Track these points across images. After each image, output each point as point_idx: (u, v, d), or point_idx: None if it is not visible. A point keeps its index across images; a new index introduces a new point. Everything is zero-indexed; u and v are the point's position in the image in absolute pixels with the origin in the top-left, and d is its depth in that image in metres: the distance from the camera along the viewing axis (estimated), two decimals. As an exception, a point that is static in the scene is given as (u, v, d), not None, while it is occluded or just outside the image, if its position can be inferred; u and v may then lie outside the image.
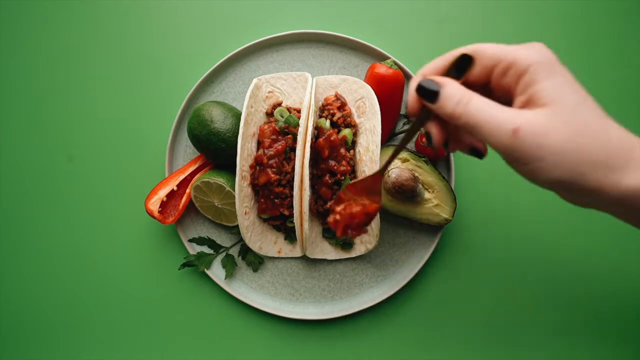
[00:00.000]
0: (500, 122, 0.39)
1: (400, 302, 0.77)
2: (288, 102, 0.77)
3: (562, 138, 0.38)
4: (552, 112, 0.38)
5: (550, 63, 0.40)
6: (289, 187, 0.72)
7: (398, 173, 0.70)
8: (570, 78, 0.40)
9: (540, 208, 0.77)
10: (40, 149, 0.81)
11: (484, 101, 0.41)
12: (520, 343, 0.75)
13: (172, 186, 0.75)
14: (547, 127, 0.38)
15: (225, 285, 0.76)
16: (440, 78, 0.44)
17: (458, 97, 0.42)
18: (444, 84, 0.43)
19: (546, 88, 0.39)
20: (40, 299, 0.79)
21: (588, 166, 0.38)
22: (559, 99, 0.39)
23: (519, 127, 0.38)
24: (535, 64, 0.40)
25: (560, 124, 0.38)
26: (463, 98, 0.42)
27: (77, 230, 0.80)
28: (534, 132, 0.38)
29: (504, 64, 0.41)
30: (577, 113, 0.38)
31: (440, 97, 0.43)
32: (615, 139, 0.38)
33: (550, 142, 0.38)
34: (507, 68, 0.41)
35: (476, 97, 0.42)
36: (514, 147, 0.39)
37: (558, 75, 0.40)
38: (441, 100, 0.43)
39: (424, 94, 0.44)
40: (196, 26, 0.82)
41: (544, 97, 0.39)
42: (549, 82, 0.39)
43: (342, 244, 0.76)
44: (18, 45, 0.83)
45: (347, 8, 0.81)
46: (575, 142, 0.38)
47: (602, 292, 0.75)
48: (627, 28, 0.79)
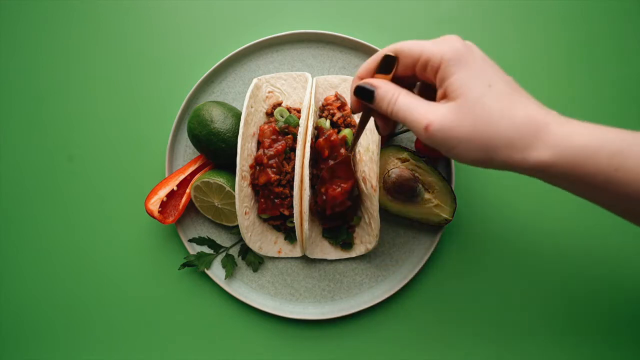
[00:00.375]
0: (417, 119, 0.45)
1: (400, 302, 0.77)
2: (288, 102, 0.77)
3: (466, 128, 0.43)
4: (457, 105, 0.44)
5: (460, 57, 0.44)
6: (289, 187, 0.72)
7: (398, 173, 0.70)
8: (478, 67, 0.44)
9: (541, 208, 0.77)
10: (40, 149, 0.81)
11: (408, 99, 0.47)
12: (521, 342, 0.75)
13: (172, 186, 0.75)
14: (453, 121, 0.43)
15: (225, 285, 0.76)
16: (374, 80, 0.49)
17: (388, 96, 0.48)
18: (377, 86, 0.49)
19: (454, 82, 0.44)
20: (40, 299, 0.79)
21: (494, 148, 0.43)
22: (463, 92, 0.43)
23: (430, 123, 0.44)
24: (446, 59, 0.44)
25: (464, 116, 0.43)
26: (392, 97, 0.48)
27: (77, 230, 0.80)
28: (442, 127, 0.44)
29: (422, 61, 0.46)
30: (479, 103, 0.43)
31: (375, 98, 0.49)
32: (520, 121, 0.42)
33: (457, 133, 0.43)
34: (424, 64, 0.46)
35: (402, 95, 0.47)
36: (429, 140, 0.45)
37: (465, 68, 0.44)
38: (376, 100, 0.49)
39: (361, 95, 0.50)
40: (196, 26, 0.82)
41: (452, 91, 0.44)
42: (456, 77, 0.44)
43: (342, 244, 0.76)
44: (18, 45, 0.83)
45: (347, 8, 0.81)
46: (478, 130, 0.43)
47: (604, 290, 0.75)
48: (627, 28, 0.79)
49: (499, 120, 0.42)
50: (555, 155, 0.41)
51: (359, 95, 0.50)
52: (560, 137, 0.42)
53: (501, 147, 0.43)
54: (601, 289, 0.76)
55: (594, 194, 0.43)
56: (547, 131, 0.42)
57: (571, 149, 0.41)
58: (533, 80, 0.79)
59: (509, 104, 0.43)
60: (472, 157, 0.44)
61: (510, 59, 0.80)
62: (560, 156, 0.41)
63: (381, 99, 0.48)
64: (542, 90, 0.79)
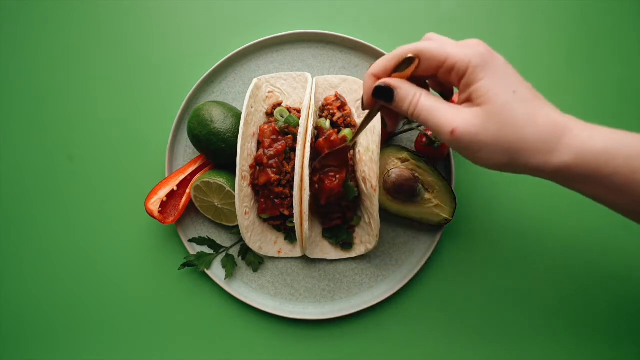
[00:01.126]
0: (442, 123, 0.46)
1: (400, 302, 0.77)
2: (288, 102, 0.77)
3: (492, 133, 0.44)
4: (484, 111, 0.45)
5: (485, 63, 0.45)
6: (289, 187, 0.72)
7: (398, 173, 0.70)
8: (503, 73, 0.45)
9: (541, 208, 0.77)
10: (40, 149, 0.81)
11: (431, 100, 0.48)
12: (521, 342, 0.75)
13: (172, 186, 0.75)
14: (478, 126, 0.45)
15: (225, 285, 0.76)
16: (394, 81, 0.49)
17: (410, 97, 0.48)
18: (397, 86, 0.49)
19: (480, 88, 0.45)
20: (40, 299, 0.79)
21: (518, 152, 0.44)
22: (490, 98, 0.44)
23: (456, 128, 0.45)
24: (472, 66, 0.45)
25: (491, 121, 0.44)
26: (414, 98, 0.48)
27: (77, 230, 0.80)
28: (468, 132, 0.45)
29: (447, 66, 0.46)
30: (505, 108, 0.44)
31: (395, 99, 0.49)
32: (543, 127, 0.44)
33: (482, 138, 0.45)
34: (449, 69, 0.46)
35: (424, 97, 0.48)
36: (454, 144, 0.46)
37: (491, 75, 0.45)
38: (396, 101, 0.49)
39: (380, 96, 0.50)
40: (196, 26, 0.82)
41: (479, 97, 0.45)
42: (483, 83, 0.45)
43: (342, 244, 0.76)
44: (18, 45, 0.83)
45: (347, 8, 0.81)
46: (503, 135, 0.44)
47: (604, 290, 0.75)
48: (627, 28, 0.79)
49: (524, 125, 0.44)
50: (576, 158, 0.43)
51: (377, 95, 0.50)
52: (581, 141, 0.43)
53: (525, 151, 0.44)
54: (602, 288, 0.76)
55: (611, 197, 0.44)
56: (569, 135, 0.44)
57: (591, 153, 0.43)
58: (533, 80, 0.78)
59: (533, 110, 0.44)
60: (495, 161, 0.45)
61: (510, 59, 0.78)
62: (581, 159, 0.43)
63: (402, 100, 0.49)
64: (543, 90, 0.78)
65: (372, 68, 0.51)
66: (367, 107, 0.53)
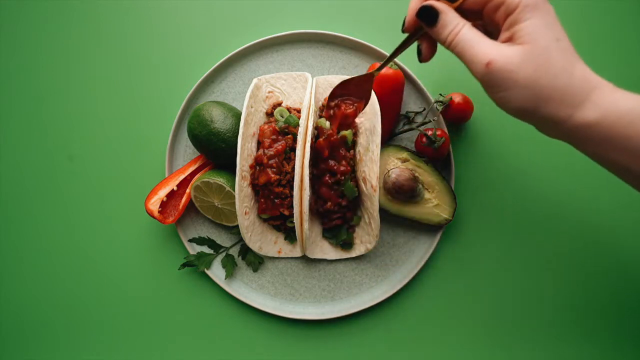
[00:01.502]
0: (479, 54, 0.46)
1: (400, 302, 0.77)
2: (288, 102, 0.77)
3: (527, 74, 0.44)
4: (524, 50, 0.44)
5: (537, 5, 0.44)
6: (289, 187, 0.72)
7: (398, 173, 0.70)
8: (551, 20, 0.45)
9: (541, 208, 0.77)
10: (40, 149, 0.81)
11: (472, 32, 0.47)
12: (521, 342, 0.75)
13: (172, 186, 0.75)
14: (516, 64, 0.44)
15: (225, 285, 0.76)
16: (439, 4, 0.48)
17: (452, 25, 0.48)
18: (443, 11, 0.48)
19: (525, 28, 0.44)
20: (40, 299, 0.79)
21: (545, 99, 0.44)
22: (533, 39, 0.44)
23: (492, 60, 0.45)
24: (523, 4, 0.44)
25: (528, 62, 0.44)
26: (456, 27, 0.47)
27: (77, 230, 0.80)
28: (504, 66, 0.44)
29: (496, 1, 0.46)
30: (545, 53, 0.44)
31: (438, 23, 0.48)
32: (577, 80, 0.44)
33: (516, 76, 0.44)
34: (498, 5, 0.46)
35: (467, 27, 0.47)
36: (486, 77, 0.46)
37: (539, 17, 0.44)
38: (438, 26, 0.48)
39: (424, 17, 0.49)
40: (196, 26, 0.82)
41: (522, 36, 0.45)
42: (529, 23, 0.44)
43: (342, 244, 0.76)
44: (18, 45, 0.83)
45: (347, 8, 0.81)
46: (537, 78, 0.44)
47: (607, 290, 0.75)
48: (627, 28, 0.79)
49: (559, 73, 0.44)
50: (601, 117, 0.43)
51: (421, 16, 0.49)
52: (609, 100, 0.43)
53: (553, 99, 0.44)
54: (603, 289, 0.75)
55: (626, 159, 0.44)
56: (598, 94, 0.44)
57: (616, 112, 0.43)
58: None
59: (571, 62, 0.44)
60: (520, 104, 0.45)
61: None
62: (605, 118, 0.43)
63: (444, 25, 0.48)
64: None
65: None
66: (407, 29, 0.52)
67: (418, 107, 0.77)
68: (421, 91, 0.76)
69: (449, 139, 0.73)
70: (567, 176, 0.77)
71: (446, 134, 0.72)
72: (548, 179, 0.77)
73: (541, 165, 0.77)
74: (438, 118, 0.74)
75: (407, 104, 0.77)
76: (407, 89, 0.77)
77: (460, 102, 0.73)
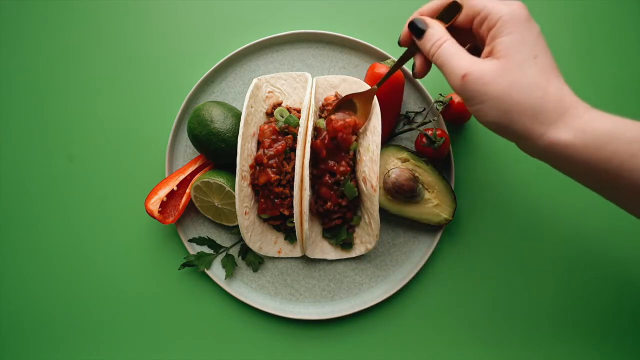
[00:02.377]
0: (457, 66, 0.47)
1: (400, 302, 0.77)
2: (288, 102, 0.77)
3: (500, 88, 0.44)
4: (499, 65, 0.45)
5: (518, 21, 0.46)
6: (289, 187, 0.72)
7: (398, 173, 0.70)
8: (531, 37, 0.45)
9: (541, 208, 0.77)
10: (40, 149, 0.81)
11: (454, 47, 0.49)
12: (521, 342, 0.75)
13: (172, 186, 0.75)
14: (490, 77, 0.45)
15: (225, 285, 0.76)
16: (429, 19, 0.52)
17: (436, 38, 0.50)
18: (430, 25, 0.52)
19: (503, 42, 0.45)
20: (40, 299, 0.79)
21: (518, 114, 0.44)
22: (509, 53, 0.45)
23: (468, 73, 0.46)
24: (503, 20, 0.46)
25: (502, 76, 0.45)
26: (439, 40, 0.50)
27: (77, 230, 0.80)
28: (478, 80, 0.45)
29: (482, 15, 0.47)
30: (520, 69, 0.44)
31: (425, 35, 0.52)
32: (551, 97, 0.44)
33: (489, 89, 0.45)
34: (483, 19, 0.48)
35: (449, 42, 0.50)
36: (462, 89, 0.47)
37: (518, 32, 0.45)
38: (424, 38, 0.52)
39: (413, 30, 0.53)
40: (196, 26, 0.82)
41: (499, 50, 0.46)
42: (507, 38, 0.45)
43: (342, 244, 0.76)
44: (18, 45, 0.83)
45: (347, 8, 0.81)
46: (510, 93, 0.44)
47: (607, 290, 0.75)
48: (627, 28, 0.79)
49: (532, 90, 0.44)
50: (574, 137, 0.43)
51: (411, 28, 0.53)
52: (583, 121, 0.43)
53: (525, 116, 0.44)
54: (604, 289, 0.76)
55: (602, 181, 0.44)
56: (573, 113, 0.44)
57: (591, 133, 0.43)
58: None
59: (546, 79, 0.45)
60: (493, 118, 0.46)
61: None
62: (578, 138, 0.43)
63: (428, 38, 0.51)
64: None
65: (421, 8, 0.55)
66: (402, 43, 0.57)
67: (418, 107, 0.77)
68: (421, 91, 0.76)
69: (449, 139, 0.73)
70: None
71: (446, 134, 0.72)
72: (548, 179, 0.77)
73: (541, 165, 0.77)
74: (438, 118, 0.74)
75: (407, 104, 0.77)
76: (407, 89, 0.77)
77: (460, 102, 0.73)
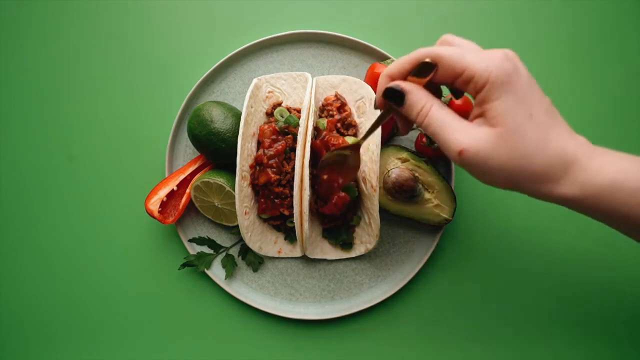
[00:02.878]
0: (451, 141, 0.45)
1: (400, 302, 0.77)
2: (288, 102, 0.77)
3: (502, 160, 0.43)
4: (496, 135, 0.43)
5: (506, 80, 0.43)
6: (289, 187, 0.72)
7: (398, 173, 0.70)
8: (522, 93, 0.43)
9: (541, 208, 0.77)
10: (40, 149, 0.81)
11: (442, 113, 0.46)
12: (521, 342, 0.75)
13: (172, 186, 0.75)
14: (489, 151, 0.43)
15: (225, 285, 0.76)
16: (406, 84, 0.47)
17: (420, 106, 0.46)
18: (408, 91, 0.47)
19: (495, 108, 0.43)
20: (40, 299, 0.79)
21: (525, 180, 0.44)
22: (504, 120, 0.43)
23: (465, 149, 0.44)
24: (491, 82, 0.42)
25: (502, 148, 0.43)
26: (424, 108, 0.46)
27: (77, 230, 0.80)
28: (477, 155, 0.43)
29: (465, 77, 0.44)
30: (519, 134, 0.43)
31: (405, 103, 0.47)
32: (553, 156, 0.43)
33: (491, 163, 0.43)
34: (467, 80, 0.44)
35: (435, 107, 0.46)
36: (461, 164, 0.45)
37: (509, 93, 0.43)
38: (406, 107, 0.47)
39: (391, 98, 0.48)
40: (196, 26, 0.82)
41: (493, 117, 0.43)
42: (498, 103, 0.43)
43: (342, 244, 0.76)
44: (18, 45, 0.83)
45: (347, 8, 0.81)
46: (512, 163, 0.43)
47: (606, 291, 0.75)
48: (627, 28, 0.79)
49: (533, 154, 0.43)
50: (580, 192, 0.43)
51: (388, 97, 0.48)
52: (586, 174, 0.43)
53: (530, 180, 0.44)
54: (603, 289, 0.75)
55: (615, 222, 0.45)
56: (576, 168, 0.43)
57: (596, 186, 0.42)
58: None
59: (545, 136, 0.43)
60: (500, 185, 0.45)
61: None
62: (585, 193, 0.43)
63: (412, 106, 0.47)
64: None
65: (388, 68, 0.49)
66: (378, 107, 0.52)
67: (418, 107, 0.77)
68: (421, 91, 0.76)
69: (449, 139, 0.72)
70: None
71: (446, 134, 0.72)
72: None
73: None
74: (438, 118, 0.74)
75: (407, 104, 0.77)
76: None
77: (460, 102, 0.73)
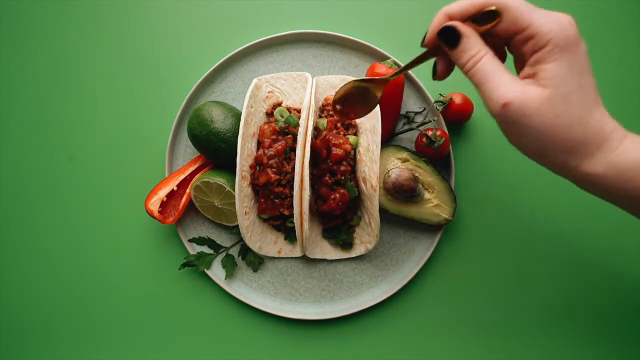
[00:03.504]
0: (497, 91, 0.43)
1: (400, 302, 0.77)
2: (288, 102, 0.77)
3: (543, 121, 0.42)
4: (544, 95, 0.42)
5: (567, 45, 0.42)
6: (289, 187, 0.72)
7: (398, 173, 0.70)
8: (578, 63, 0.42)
9: (542, 208, 0.77)
10: (40, 149, 0.81)
11: (493, 63, 0.44)
12: (521, 341, 0.75)
13: (172, 186, 0.75)
14: (533, 109, 0.42)
15: (225, 285, 0.76)
16: (464, 28, 0.45)
17: (473, 52, 0.44)
18: (466, 35, 0.45)
19: (550, 70, 0.42)
20: (40, 299, 0.79)
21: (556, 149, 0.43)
22: (556, 84, 0.42)
23: (509, 102, 0.42)
24: (553, 44, 0.42)
25: (547, 110, 0.42)
26: (477, 55, 0.44)
27: (77, 230, 0.80)
28: (520, 110, 0.42)
29: (527, 34, 0.43)
30: (566, 101, 0.42)
31: (459, 47, 0.45)
32: (592, 130, 0.43)
33: (532, 122, 0.42)
34: (528, 38, 0.43)
35: (488, 57, 0.44)
36: (501, 117, 0.43)
37: (566, 59, 0.42)
38: (458, 50, 0.45)
39: (445, 39, 0.46)
40: (196, 26, 0.82)
41: (545, 78, 0.42)
42: (554, 65, 0.42)
43: (342, 244, 0.76)
44: (18, 45, 0.83)
45: (347, 8, 0.81)
46: (553, 127, 0.42)
47: (607, 288, 0.75)
48: (627, 28, 0.79)
49: (575, 123, 0.42)
50: (607, 170, 0.43)
51: (442, 36, 0.45)
52: (615, 153, 0.43)
53: (562, 150, 0.43)
54: (604, 287, 0.75)
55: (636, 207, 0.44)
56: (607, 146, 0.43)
57: (623, 165, 0.42)
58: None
59: (588, 111, 0.43)
60: (530, 149, 0.45)
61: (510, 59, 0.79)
62: (611, 171, 0.43)
63: (464, 50, 0.45)
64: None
65: (448, 6, 0.46)
66: (426, 45, 0.48)
67: (418, 107, 0.77)
68: (421, 91, 0.76)
69: (449, 139, 0.73)
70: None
71: (446, 134, 0.72)
72: (548, 179, 0.77)
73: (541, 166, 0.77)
74: (438, 118, 0.74)
75: (407, 104, 0.77)
76: (407, 89, 0.77)
77: (460, 102, 0.73)
